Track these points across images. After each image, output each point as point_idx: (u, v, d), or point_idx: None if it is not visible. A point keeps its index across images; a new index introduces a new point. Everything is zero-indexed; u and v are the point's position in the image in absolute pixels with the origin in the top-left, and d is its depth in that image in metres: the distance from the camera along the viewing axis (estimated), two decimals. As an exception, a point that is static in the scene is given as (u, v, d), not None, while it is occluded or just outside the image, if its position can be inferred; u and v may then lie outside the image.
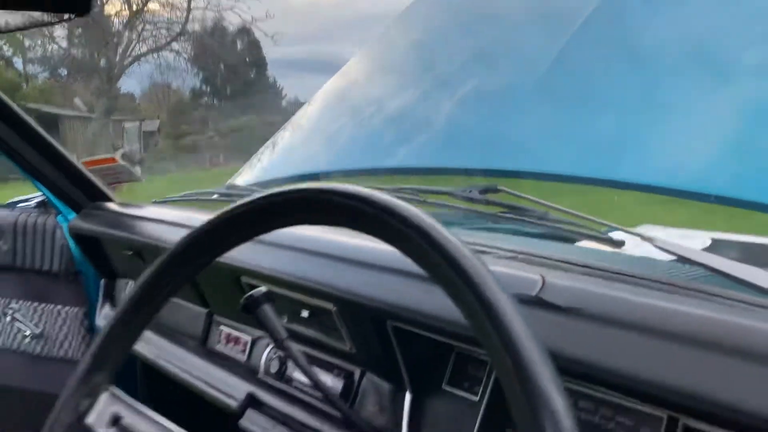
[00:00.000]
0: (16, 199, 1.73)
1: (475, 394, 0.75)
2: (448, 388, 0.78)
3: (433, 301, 0.66)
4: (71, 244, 1.55)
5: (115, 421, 0.56)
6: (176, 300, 1.26)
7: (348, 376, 0.87)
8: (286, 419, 0.91)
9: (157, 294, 0.59)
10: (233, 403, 0.99)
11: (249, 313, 0.72)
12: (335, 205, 0.47)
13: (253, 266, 0.91)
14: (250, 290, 0.96)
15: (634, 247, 0.76)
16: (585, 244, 0.82)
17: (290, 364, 0.96)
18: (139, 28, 16.49)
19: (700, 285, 0.67)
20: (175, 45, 17.56)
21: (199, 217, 1.17)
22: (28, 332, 1.65)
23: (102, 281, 1.50)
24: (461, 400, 0.76)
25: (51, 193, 1.52)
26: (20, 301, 1.67)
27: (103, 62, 16.25)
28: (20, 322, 1.67)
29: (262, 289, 0.74)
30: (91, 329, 1.60)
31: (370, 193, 0.45)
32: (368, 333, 0.80)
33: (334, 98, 1.63)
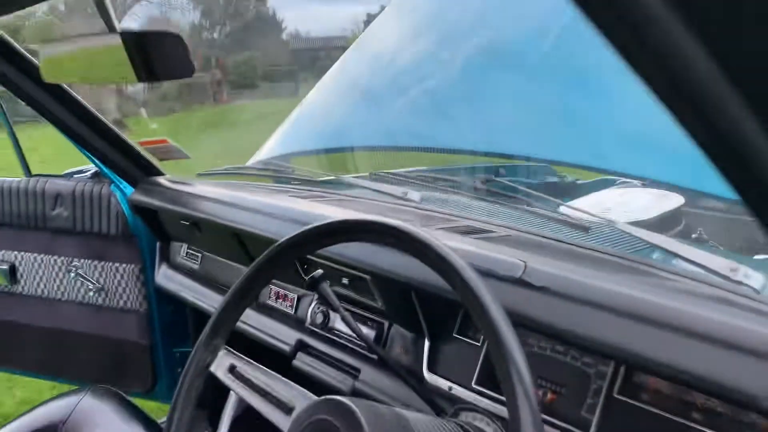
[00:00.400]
0: (72, 170, 1.95)
1: (478, 340, 0.99)
2: (457, 336, 1.02)
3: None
4: (126, 210, 1.78)
5: (232, 369, 0.80)
6: (230, 262, 1.50)
7: (379, 327, 1.12)
8: (331, 360, 1.16)
9: (263, 276, 0.82)
10: (286, 348, 1.24)
11: (312, 290, 0.95)
12: (398, 238, 0.71)
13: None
14: (297, 259, 1.19)
15: (599, 228, 0.99)
16: (560, 225, 1.05)
17: (332, 316, 1.21)
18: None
19: (644, 258, 0.90)
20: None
21: (241, 195, 1.39)
22: (91, 286, 1.90)
23: (158, 244, 1.73)
24: (467, 345, 1.00)
25: (106, 168, 1.73)
26: (82, 260, 1.91)
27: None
28: (83, 278, 1.91)
29: (320, 271, 0.97)
30: (146, 284, 1.85)
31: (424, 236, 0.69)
32: (395, 296, 1.04)
33: (350, 74, 1.81)
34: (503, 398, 0.90)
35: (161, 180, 1.64)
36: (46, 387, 2.83)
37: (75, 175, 1.92)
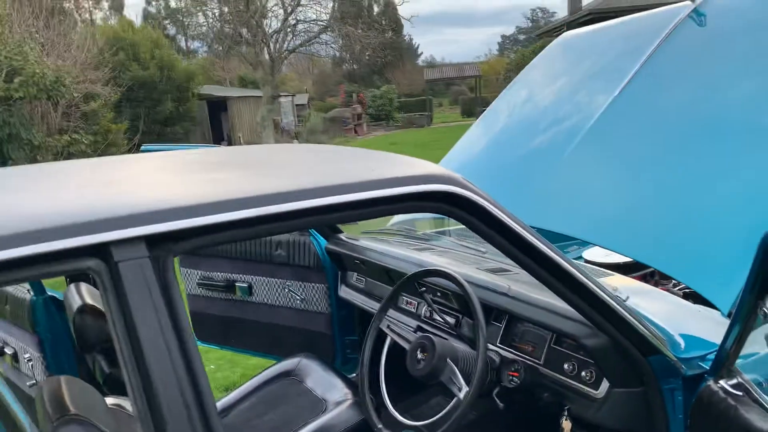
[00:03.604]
0: (286, 228, 3.20)
1: (500, 322, 2.05)
2: (492, 322, 2.08)
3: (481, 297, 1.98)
4: (319, 252, 2.99)
5: (388, 325, 1.93)
6: (381, 284, 2.66)
7: (456, 318, 2.21)
8: (433, 333, 2.27)
9: (400, 291, 1.96)
10: (411, 329, 2.37)
11: (422, 298, 2.07)
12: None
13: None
14: (417, 285, 2.32)
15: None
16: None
17: (433, 313, 2.31)
18: (293, 24, 18.64)
19: None
20: (323, 36, 19.52)
21: (385, 247, 2.54)
22: (298, 298, 3.12)
23: (339, 273, 2.93)
24: (495, 327, 2.06)
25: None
26: (292, 281, 3.12)
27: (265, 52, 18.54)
28: (293, 292, 3.14)
29: (424, 288, 2.08)
30: (330, 296, 3.04)
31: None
32: (463, 302, 2.13)
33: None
34: (503, 347, 1.97)
35: (341, 236, 2.85)
36: (256, 367, 4.08)
37: (288, 231, 3.16)
